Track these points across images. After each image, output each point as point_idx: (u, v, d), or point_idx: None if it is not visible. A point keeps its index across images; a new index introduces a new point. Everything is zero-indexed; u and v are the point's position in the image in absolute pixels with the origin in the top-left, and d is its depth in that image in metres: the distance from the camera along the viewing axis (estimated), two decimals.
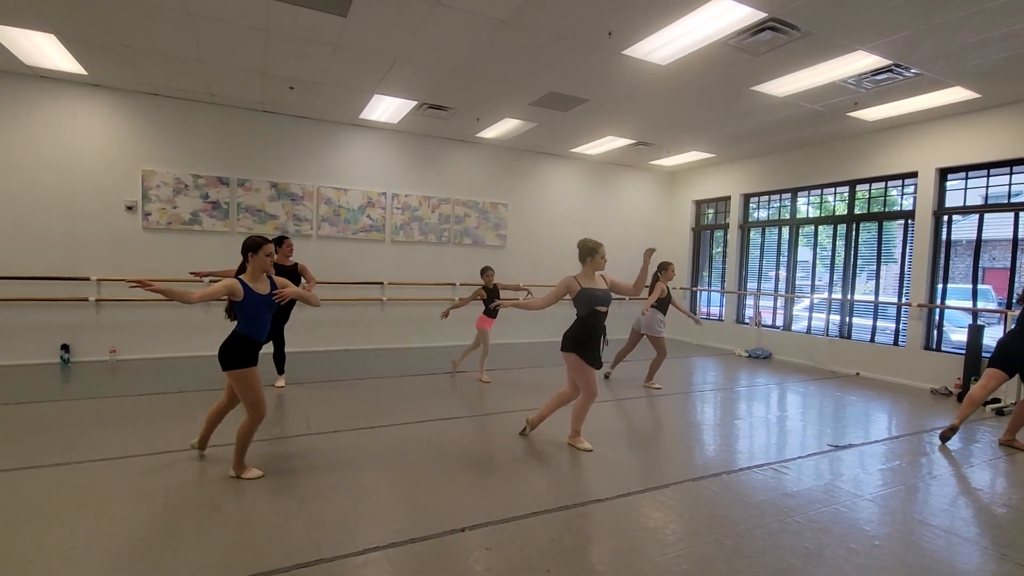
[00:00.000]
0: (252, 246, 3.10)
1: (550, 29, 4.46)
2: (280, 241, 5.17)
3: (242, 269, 3.14)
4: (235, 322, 3.15)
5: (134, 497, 2.90)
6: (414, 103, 6.57)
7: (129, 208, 6.55)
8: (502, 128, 7.63)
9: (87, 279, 6.36)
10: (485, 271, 5.98)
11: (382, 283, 7.96)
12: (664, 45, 4.64)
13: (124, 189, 6.53)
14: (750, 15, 4.06)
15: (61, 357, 6.25)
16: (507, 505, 2.96)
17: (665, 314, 6.01)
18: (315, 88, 6.15)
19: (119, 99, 6.45)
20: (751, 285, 9.22)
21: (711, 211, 10.10)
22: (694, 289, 10.24)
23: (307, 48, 5.03)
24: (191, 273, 5.14)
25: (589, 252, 3.84)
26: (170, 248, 6.77)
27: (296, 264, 5.30)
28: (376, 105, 6.74)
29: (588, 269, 3.86)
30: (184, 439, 3.65)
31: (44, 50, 5.28)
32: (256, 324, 3.13)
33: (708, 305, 10.20)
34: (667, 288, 5.96)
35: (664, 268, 5.95)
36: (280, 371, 5.50)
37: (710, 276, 10.17)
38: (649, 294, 5.85)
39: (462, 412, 4.79)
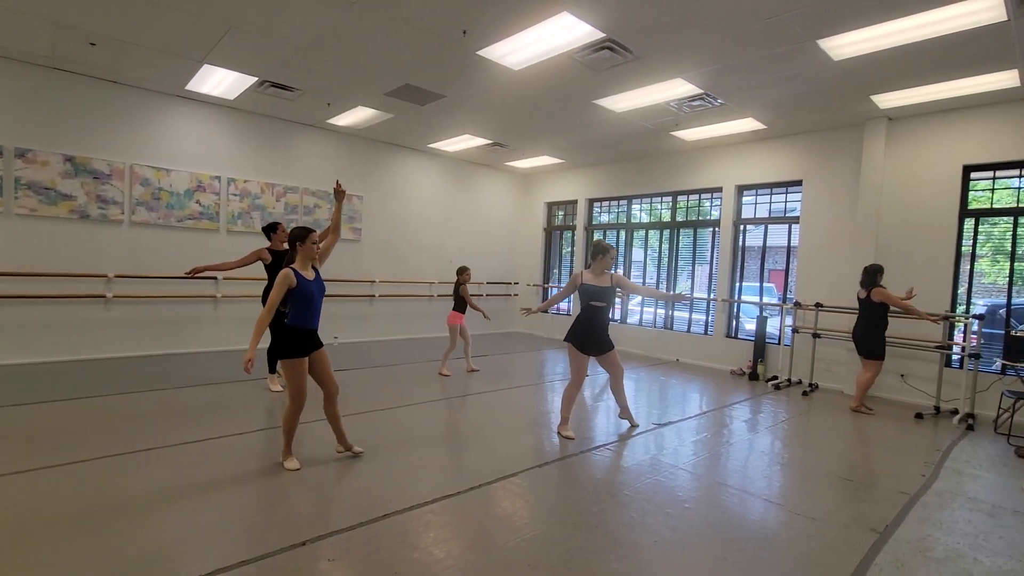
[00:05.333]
0: (299, 236, 3.30)
1: (405, 17, 4.36)
2: (274, 227, 5.18)
3: (290, 259, 3.35)
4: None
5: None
6: (254, 79, 5.95)
7: None
8: (356, 116, 7.28)
9: None
10: (462, 271, 6.44)
11: (216, 278, 7.10)
12: (516, 51, 4.83)
13: None
14: (590, 33, 4.40)
15: None
16: (354, 512, 2.85)
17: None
18: (124, 48, 5.24)
19: None
20: None
21: (561, 213, 10.79)
22: (546, 286, 10.86)
23: None
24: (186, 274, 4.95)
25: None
26: None
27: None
28: (207, 76, 5.97)
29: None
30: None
31: None
32: (306, 312, 3.31)
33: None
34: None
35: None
36: (272, 370, 5.38)
37: (560, 273, 10.87)
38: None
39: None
